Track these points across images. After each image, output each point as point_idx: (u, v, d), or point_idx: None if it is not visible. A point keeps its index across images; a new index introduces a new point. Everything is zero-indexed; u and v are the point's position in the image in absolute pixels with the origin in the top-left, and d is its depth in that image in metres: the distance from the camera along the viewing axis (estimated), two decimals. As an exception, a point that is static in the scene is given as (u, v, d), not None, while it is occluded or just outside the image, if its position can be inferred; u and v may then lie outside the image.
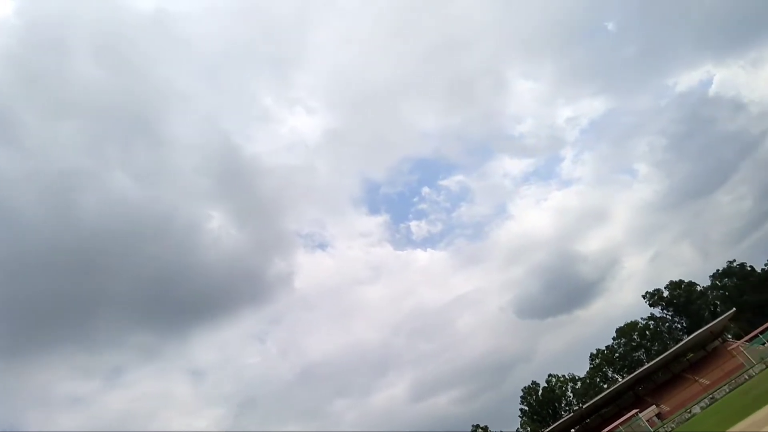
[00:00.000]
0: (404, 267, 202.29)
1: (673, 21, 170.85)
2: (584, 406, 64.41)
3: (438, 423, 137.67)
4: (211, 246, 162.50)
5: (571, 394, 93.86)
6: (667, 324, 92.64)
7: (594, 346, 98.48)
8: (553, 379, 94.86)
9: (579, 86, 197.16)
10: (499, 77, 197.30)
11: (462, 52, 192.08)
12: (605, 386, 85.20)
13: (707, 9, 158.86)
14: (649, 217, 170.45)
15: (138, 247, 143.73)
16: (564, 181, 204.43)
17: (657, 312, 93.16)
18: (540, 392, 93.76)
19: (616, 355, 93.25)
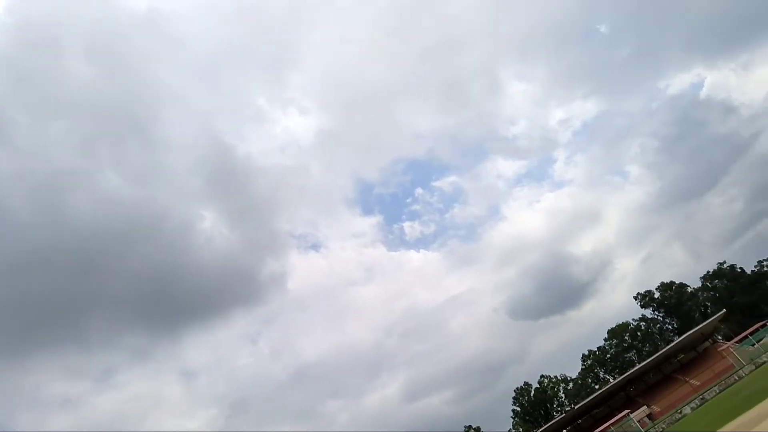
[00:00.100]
0: (397, 268, 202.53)
1: (664, 24, 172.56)
2: (576, 407, 64.54)
3: (431, 424, 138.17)
4: (204, 246, 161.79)
5: (563, 395, 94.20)
6: (659, 325, 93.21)
7: (586, 347, 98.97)
8: (545, 380, 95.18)
9: (572, 88, 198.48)
10: (492, 79, 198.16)
11: (456, 53, 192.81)
12: (597, 387, 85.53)
13: (699, 12, 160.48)
14: (640, 218, 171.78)
15: (130, 247, 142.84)
16: (556, 182, 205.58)
17: (648, 313, 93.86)
18: (532, 393, 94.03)
19: (608, 356, 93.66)
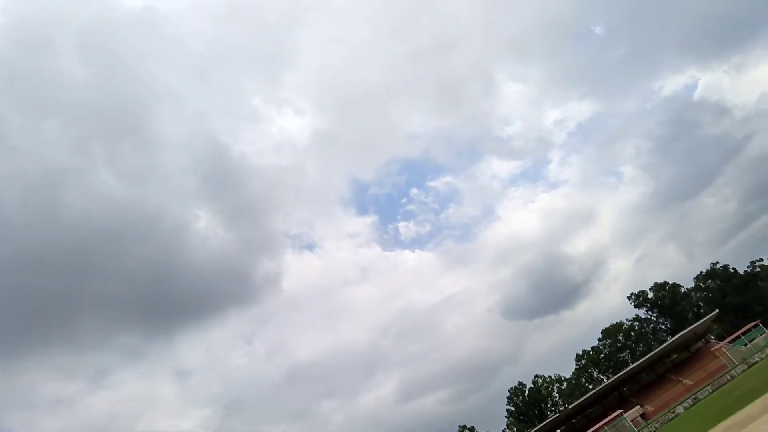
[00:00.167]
0: (392, 268, 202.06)
1: (659, 26, 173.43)
2: (570, 407, 64.64)
3: (425, 424, 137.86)
4: (199, 246, 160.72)
5: (557, 395, 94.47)
6: (652, 325, 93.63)
7: (580, 346, 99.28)
8: (540, 380, 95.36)
9: (567, 89, 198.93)
10: (487, 79, 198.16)
11: (451, 53, 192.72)
12: (591, 387, 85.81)
13: (693, 14, 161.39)
14: (634, 219, 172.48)
15: (124, 247, 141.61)
16: (551, 183, 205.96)
17: (642, 313, 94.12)
18: (526, 393, 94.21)
19: (602, 355, 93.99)
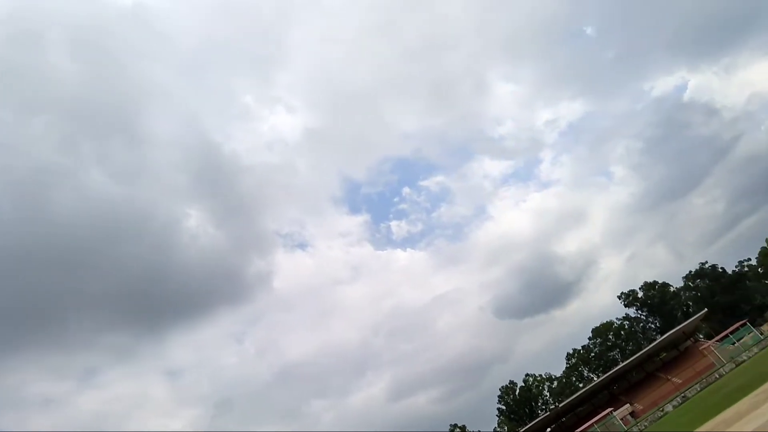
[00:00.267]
0: (384, 267, 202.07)
1: (649, 27, 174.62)
2: (560, 405, 64.96)
3: (416, 423, 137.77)
4: (189, 245, 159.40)
5: (548, 394, 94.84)
6: (642, 324, 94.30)
7: (570, 345, 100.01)
8: (530, 379, 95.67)
9: (558, 89, 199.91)
10: (479, 79, 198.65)
11: (443, 53, 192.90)
12: (581, 385, 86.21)
13: (683, 16, 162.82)
14: (625, 218, 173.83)
15: (114, 245, 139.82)
16: (543, 182, 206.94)
17: (632, 312, 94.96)
18: (517, 392, 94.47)
19: (592, 354, 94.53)
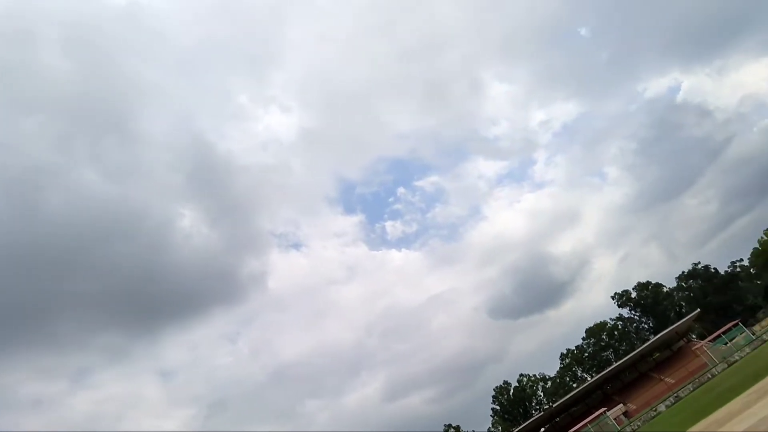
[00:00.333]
0: (379, 267, 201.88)
1: (643, 28, 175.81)
2: (554, 405, 64.96)
3: (411, 423, 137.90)
4: (183, 244, 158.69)
5: (542, 394, 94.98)
6: (635, 324, 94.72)
7: (564, 345, 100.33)
8: (524, 379, 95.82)
9: (552, 90, 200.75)
10: (474, 79, 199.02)
11: (438, 53, 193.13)
12: (575, 385, 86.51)
13: (676, 18, 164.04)
14: (618, 219, 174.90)
15: (107, 245, 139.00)
16: (537, 183, 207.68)
17: (625, 312, 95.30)
18: (511, 392, 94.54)
19: (586, 354, 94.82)
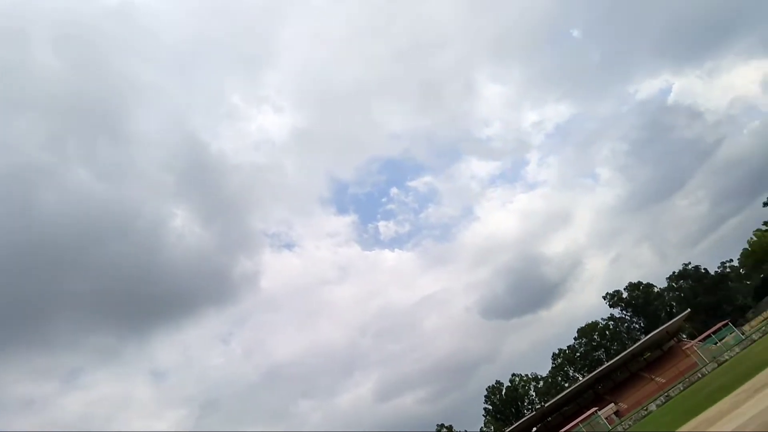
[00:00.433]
0: (372, 267, 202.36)
1: (635, 30, 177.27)
2: (546, 405, 65.17)
3: (403, 423, 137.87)
4: (175, 244, 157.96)
5: (534, 393, 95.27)
6: (626, 324, 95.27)
7: (556, 345, 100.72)
8: (517, 379, 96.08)
9: (545, 91, 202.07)
10: (467, 80, 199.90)
11: (432, 54, 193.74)
12: (566, 385, 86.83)
13: (667, 19, 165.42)
14: (610, 220, 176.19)
15: (99, 245, 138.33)
16: (529, 184, 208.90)
17: (617, 312, 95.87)
18: (503, 391, 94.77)
19: (577, 354, 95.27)
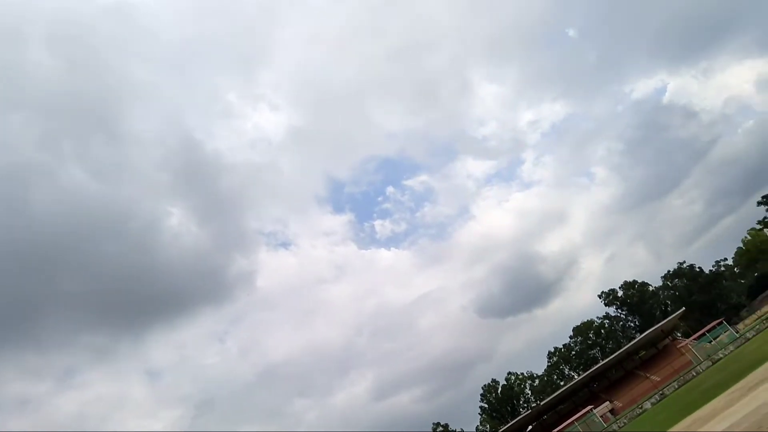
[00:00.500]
0: (368, 266, 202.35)
1: (630, 30, 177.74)
2: (542, 403, 65.38)
3: (399, 422, 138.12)
4: (171, 243, 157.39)
5: (530, 392, 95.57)
6: (621, 323, 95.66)
7: (552, 344, 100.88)
8: (512, 377, 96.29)
9: (541, 90, 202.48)
10: (463, 80, 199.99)
11: (428, 54, 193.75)
12: (562, 384, 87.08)
13: (663, 19, 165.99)
14: (605, 219, 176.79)
15: (94, 243, 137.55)
16: (525, 183, 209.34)
17: (612, 311, 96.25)
18: (499, 390, 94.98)
19: (573, 353, 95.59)
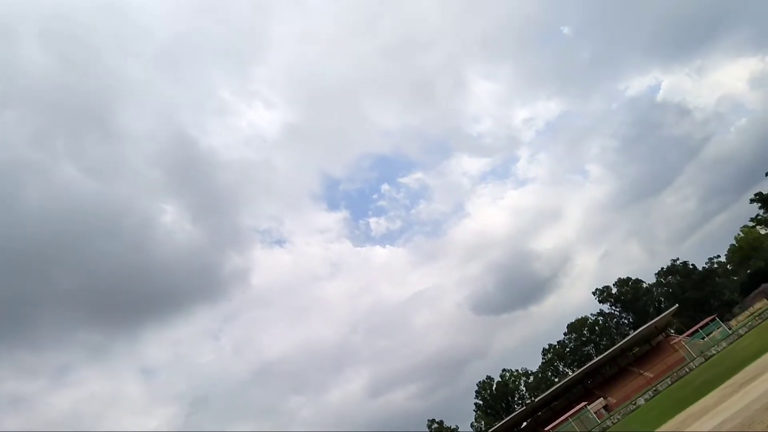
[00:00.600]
0: (363, 263, 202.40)
1: (625, 28, 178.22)
2: (536, 400, 65.54)
3: (394, 419, 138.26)
4: (165, 241, 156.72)
5: (524, 388, 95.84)
6: (615, 319, 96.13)
7: (546, 341, 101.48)
8: (507, 374, 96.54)
9: (536, 88, 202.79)
10: (458, 77, 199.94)
11: (423, 51, 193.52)
12: (556, 380, 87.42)
13: (657, 18, 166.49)
14: (600, 216, 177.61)
15: (87, 241, 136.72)
16: (520, 180, 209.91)
17: (606, 308, 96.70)
18: (494, 387, 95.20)
19: (567, 349, 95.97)
